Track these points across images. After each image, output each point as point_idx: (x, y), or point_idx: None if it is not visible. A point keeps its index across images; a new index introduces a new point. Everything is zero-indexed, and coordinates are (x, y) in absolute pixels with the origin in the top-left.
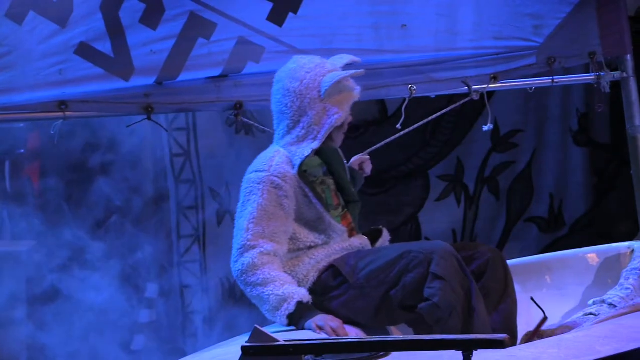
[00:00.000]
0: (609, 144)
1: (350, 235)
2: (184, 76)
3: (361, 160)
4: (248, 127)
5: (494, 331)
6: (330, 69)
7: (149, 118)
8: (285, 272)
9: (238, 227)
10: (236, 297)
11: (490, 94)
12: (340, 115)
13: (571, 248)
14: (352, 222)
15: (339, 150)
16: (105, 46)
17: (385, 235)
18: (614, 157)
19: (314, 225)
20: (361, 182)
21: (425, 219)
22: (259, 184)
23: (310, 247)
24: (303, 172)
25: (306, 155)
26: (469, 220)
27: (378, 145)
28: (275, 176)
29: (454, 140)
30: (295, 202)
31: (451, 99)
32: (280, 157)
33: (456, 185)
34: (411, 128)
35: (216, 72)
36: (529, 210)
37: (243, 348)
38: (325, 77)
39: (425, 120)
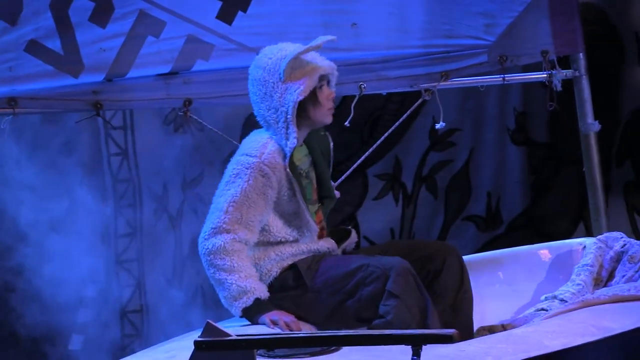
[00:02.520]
0: (546, 142)
1: (320, 236)
2: (133, 73)
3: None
4: (187, 126)
5: (451, 326)
6: (294, 48)
7: (97, 114)
8: (251, 263)
9: (216, 206)
10: (174, 296)
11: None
12: (301, 88)
13: (508, 246)
14: (323, 219)
15: (329, 142)
16: (55, 44)
17: (353, 237)
18: (551, 156)
19: (290, 219)
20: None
21: (363, 218)
22: (247, 168)
23: (279, 242)
24: (293, 164)
25: (295, 145)
26: (407, 219)
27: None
28: (266, 165)
29: (392, 139)
30: (277, 194)
31: (389, 97)
32: (273, 146)
33: (394, 184)
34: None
35: (165, 69)
36: (466, 209)
37: (196, 342)
38: (284, 59)
39: (397, 123)
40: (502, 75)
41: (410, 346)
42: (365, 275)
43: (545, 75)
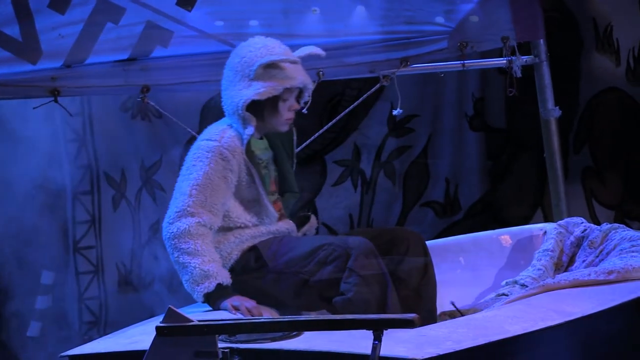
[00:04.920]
0: (503, 128)
1: (279, 220)
2: (92, 59)
3: None
4: (144, 112)
5: (415, 312)
6: (278, 52)
7: (55, 100)
8: (214, 248)
9: (180, 190)
10: (132, 284)
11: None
12: (260, 91)
13: (467, 232)
14: (282, 209)
15: (292, 137)
16: (13, 30)
17: (313, 222)
18: (508, 142)
19: (249, 205)
20: None
21: (322, 204)
22: (208, 152)
23: (239, 227)
24: (251, 152)
25: (251, 133)
26: (365, 205)
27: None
28: (225, 148)
29: (351, 125)
30: (237, 179)
31: (348, 83)
32: (232, 132)
33: (353, 170)
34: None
35: (124, 55)
36: (425, 195)
37: (157, 328)
38: (262, 59)
39: (353, 106)
40: (462, 62)
41: (371, 331)
42: (327, 254)
43: (505, 62)
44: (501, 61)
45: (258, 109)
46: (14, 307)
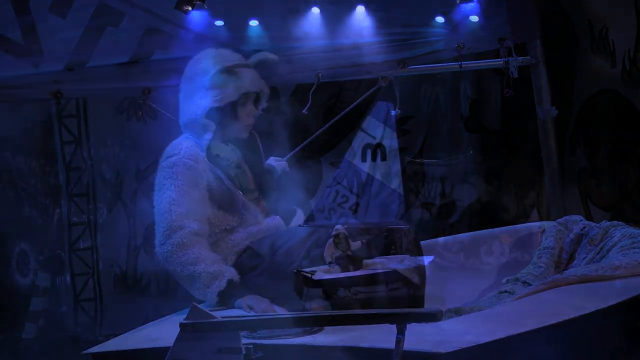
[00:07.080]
0: (499, 129)
1: (264, 217)
2: (92, 62)
3: (282, 168)
4: (140, 114)
5: (402, 307)
6: (231, 59)
7: (58, 103)
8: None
9: (160, 212)
10: (128, 284)
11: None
12: (217, 98)
13: (463, 232)
14: (266, 207)
15: (256, 139)
16: (15, 34)
17: (299, 215)
18: (504, 143)
19: (227, 207)
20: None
21: (318, 205)
22: (171, 167)
23: (226, 230)
24: (215, 157)
25: (209, 138)
26: (361, 207)
27: (312, 137)
28: (187, 158)
29: (347, 126)
30: (207, 183)
31: (344, 84)
32: (190, 142)
33: (348, 171)
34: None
35: (124, 58)
36: (420, 196)
37: (181, 325)
38: (216, 66)
39: (351, 107)
40: (459, 63)
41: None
42: (317, 238)
43: (502, 62)
44: (498, 62)
45: (217, 116)
46: (9, 309)
